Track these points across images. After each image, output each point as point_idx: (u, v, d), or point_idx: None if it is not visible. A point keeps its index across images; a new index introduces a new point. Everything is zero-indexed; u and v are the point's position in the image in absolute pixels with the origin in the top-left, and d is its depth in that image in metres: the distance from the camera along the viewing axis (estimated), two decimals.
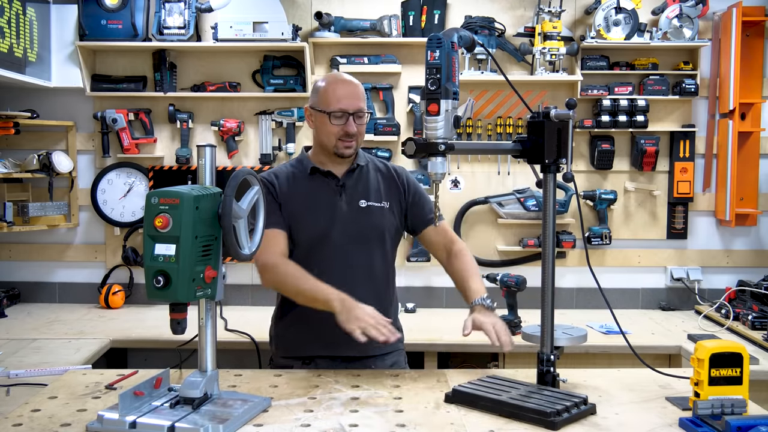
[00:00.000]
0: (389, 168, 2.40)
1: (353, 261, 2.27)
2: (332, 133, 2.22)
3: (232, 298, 3.81)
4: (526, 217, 3.75)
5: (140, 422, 1.63)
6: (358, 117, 2.23)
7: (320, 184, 2.30)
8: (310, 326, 2.25)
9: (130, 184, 3.81)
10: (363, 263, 2.29)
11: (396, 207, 2.34)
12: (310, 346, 2.29)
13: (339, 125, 2.21)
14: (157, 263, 1.61)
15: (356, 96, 2.23)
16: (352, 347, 2.07)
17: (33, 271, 3.86)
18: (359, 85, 2.28)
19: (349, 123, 2.21)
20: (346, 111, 2.21)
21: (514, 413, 1.75)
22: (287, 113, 3.75)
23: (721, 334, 3.19)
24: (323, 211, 2.27)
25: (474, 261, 2.34)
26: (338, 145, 2.23)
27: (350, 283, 2.18)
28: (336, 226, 2.26)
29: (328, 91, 2.23)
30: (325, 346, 2.26)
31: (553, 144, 1.92)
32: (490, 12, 3.73)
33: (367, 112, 2.27)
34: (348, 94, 2.22)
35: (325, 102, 2.22)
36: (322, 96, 2.24)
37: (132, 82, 3.73)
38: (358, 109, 2.22)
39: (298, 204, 2.27)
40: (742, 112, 3.72)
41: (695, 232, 3.87)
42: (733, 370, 1.68)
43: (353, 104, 2.21)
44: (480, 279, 2.27)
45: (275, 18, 3.61)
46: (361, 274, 2.28)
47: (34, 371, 2.37)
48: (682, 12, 3.61)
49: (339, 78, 2.29)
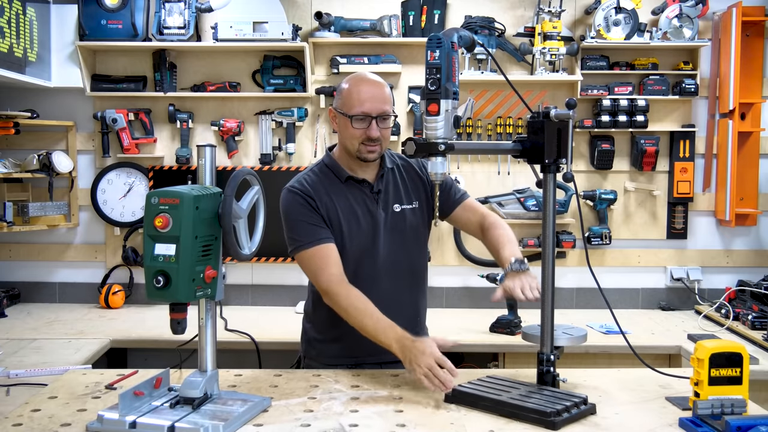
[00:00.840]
0: (408, 162, 2.34)
1: (398, 266, 2.25)
2: (355, 137, 2.14)
3: (232, 298, 3.81)
4: (526, 217, 3.75)
5: (140, 422, 1.63)
6: (382, 120, 2.14)
7: (357, 192, 2.23)
8: (353, 334, 2.12)
9: (130, 184, 3.81)
10: (406, 267, 2.28)
11: (424, 202, 2.31)
12: (353, 353, 2.24)
13: (361, 129, 2.13)
14: (157, 263, 1.62)
15: (380, 98, 2.14)
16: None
17: (33, 271, 3.86)
18: (385, 85, 2.19)
19: (372, 127, 2.12)
20: (369, 114, 2.12)
21: (514, 413, 1.75)
22: (287, 113, 3.74)
23: (721, 334, 3.19)
24: (366, 222, 2.21)
25: (507, 229, 2.31)
26: (361, 149, 2.15)
27: (397, 289, 2.24)
28: (379, 235, 2.22)
29: (352, 93, 2.14)
30: (369, 354, 2.19)
31: (553, 144, 1.92)
32: (490, 12, 3.73)
33: (393, 114, 2.20)
34: (371, 97, 2.13)
35: (348, 105, 2.14)
36: (345, 98, 2.16)
37: (132, 82, 3.73)
38: (382, 113, 2.13)
39: (341, 216, 2.20)
40: (742, 112, 3.72)
41: (695, 232, 3.87)
42: (733, 370, 1.68)
43: (376, 107, 2.12)
44: (513, 245, 2.23)
45: (275, 18, 3.61)
46: (406, 277, 2.29)
47: (34, 371, 2.37)
48: (682, 12, 3.61)
49: (363, 79, 2.19)
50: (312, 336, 2.35)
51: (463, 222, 2.39)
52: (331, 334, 2.27)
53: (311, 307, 2.35)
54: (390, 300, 2.18)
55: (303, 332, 2.40)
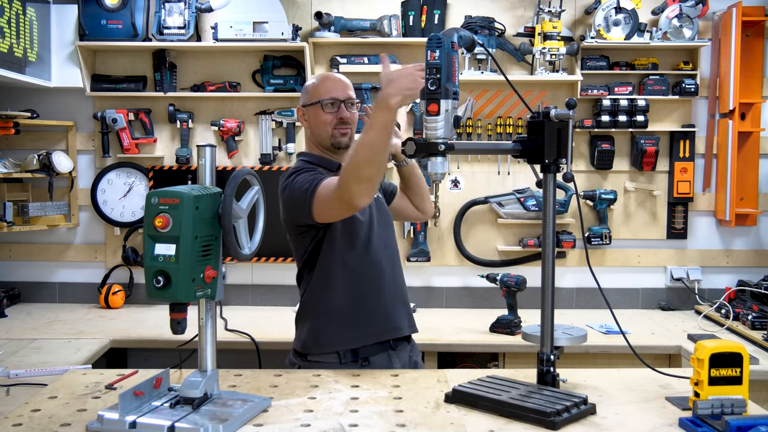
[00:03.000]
0: None
1: (390, 244, 2.38)
2: (327, 123, 2.28)
3: (232, 298, 3.81)
4: (526, 217, 3.75)
5: (140, 422, 1.63)
6: (350, 105, 2.31)
7: None
8: (353, 318, 2.25)
9: (130, 184, 3.81)
10: (393, 245, 2.41)
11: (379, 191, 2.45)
12: (355, 337, 2.24)
13: (332, 113, 2.28)
14: (157, 263, 1.61)
15: (346, 86, 2.33)
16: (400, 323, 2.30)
17: (33, 271, 3.87)
18: (347, 80, 2.37)
19: (342, 109, 2.29)
20: (338, 99, 2.28)
21: (514, 413, 1.75)
22: (287, 113, 3.75)
23: (721, 334, 3.19)
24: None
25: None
26: (335, 134, 2.28)
27: (393, 265, 2.36)
28: (374, 217, 2.33)
29: (318, 86, 2.32)
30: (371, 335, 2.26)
31: (553, 144, 1.92)
32: (490, 12, 3.73)
33: (357, 102, 2.35)
34: (336, 85, 2.31)
35: (317, 94, 2.30)
36: (312, 91, 2.32)
37: (132, 82, 3.73)
38: (349, 97, 2.31)
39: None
40: (742, 112, 3.72)
41: (695, 232, 3.87)
42: (733, 370, 1.68)
43: (343, 93, 2.30)
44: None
45: (275, 18, 3.61)
46: (395, 256, 2.40)
47: (34, 371, 2.37)
48: (682, 12, 3.61)
49: (327, 74, 2.42)
50: (310, 330, 2.27)
51: (403, 206, 2.56)
52: (334, 319, 2.24)
53: (311, 300, 2.29)
54: (391, 280, 2.34)
55: (296, 338, 2.34)
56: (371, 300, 2.28)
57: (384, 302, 2.30)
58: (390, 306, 2.32)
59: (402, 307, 2.37)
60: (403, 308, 2.37)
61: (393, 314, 2.32)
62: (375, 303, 2.28)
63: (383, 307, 2.30)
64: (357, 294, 2.26)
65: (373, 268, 2.29)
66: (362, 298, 2.27)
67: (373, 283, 2.28)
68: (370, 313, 2.27)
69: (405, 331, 2.35)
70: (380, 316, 2.28)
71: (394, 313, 2.32)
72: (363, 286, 2.27)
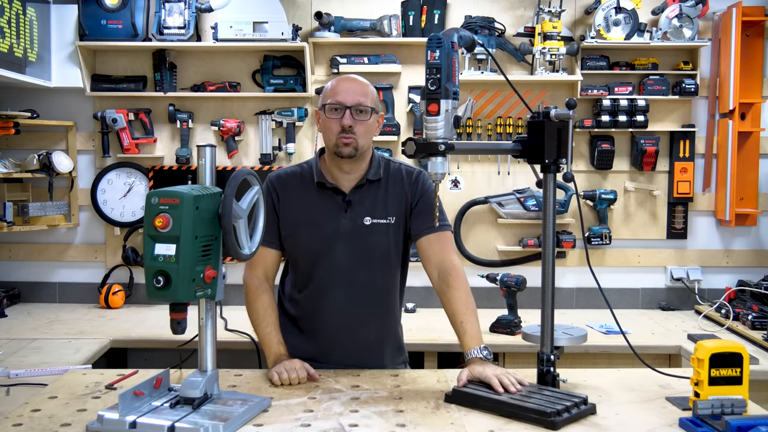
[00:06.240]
0: (410, 174, 2.23)
1: (355, 280, 2.18)
2: (331, 130, 2.09)
3: (232, 298, 3.79)
4: (526, 217, 3.75)
5: (140, 422, 1.63)
6: (358, 112, 2.09)
7: (325, 198, 2.18)
8: (303, 334, 2.27)
9: (130, 184, 3.81)
10: (365, 282, 2.19)
11: (401, 218, 2.19)
12: (305, 352, 2.20)
13: (335, 119, 2.09)
14: (157, 263, 1.61)
15: (357, 91, 2.10)
16: (347, 355, 2.22)
17: (33, 271, 3.86)
18: (367, 84, 2.16)
19: (346, 116, 2.07)
20: (343, 103, 2.08)
21: (514, 413, 1.75)
22: (287, 113, 3.75)
23: (721, 334, 3.19)
24: (325, 228, 2.16)
25: (470, 294, 2.12)
26: (338, 143, 2.09)
27: (352, 302, 2.20)
28: (337, 244, 2.15)
29: (329, 88, 2.14)
30: (321, 354, 2.22)
31: (553, 144, 1.92)
32: (490, 12, 3.73)
33: (372, 109, 2.11)
34: (348, 89, 2.10)
35: (325, 96, 2.14)
36: (324, 92, 2.16)
37: (132, 82, 3.73)
38: (357, 103, 2.08)
39: (299, 217, 2.18)
40: (742, 112, 3.72)
41: (695, 232, 3.87)
42: (733, 370, 1.68)
43: (351, 98, 2.08)
44: (476, 320, 2.07)
45: (275, 18, 3.60)
46: (363, 293, 2.19)
47: (34, 371, 2.37)
48: (682, 12, 3.61)
49: (346, 76, 2.19)
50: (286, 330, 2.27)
51: (425, 255, 2.20)
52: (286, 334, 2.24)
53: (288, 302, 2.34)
54: (344, 314, 2.21)
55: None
56: (315, 322, 2.24)
57: (327, 332, 2.22)
58: (337, 338, 2.21)
59: (363, 341, 2.22)
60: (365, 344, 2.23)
61: (339, 348, 2.22)
62: (317, 327, 2.24)
63: (326, 337, 2.23)
64: (301, 316, 2.28)
65: (317, 296, 2.21)
66: (304, 321, 2.27)
67: (315, 311, 2.23)
68: (314, 336, 2.24)
69: (348, 360, 2.20)
70: (323, 346, 2.23)
71: (341, 346, 2.22)
72: (307, 308, 2.26)
